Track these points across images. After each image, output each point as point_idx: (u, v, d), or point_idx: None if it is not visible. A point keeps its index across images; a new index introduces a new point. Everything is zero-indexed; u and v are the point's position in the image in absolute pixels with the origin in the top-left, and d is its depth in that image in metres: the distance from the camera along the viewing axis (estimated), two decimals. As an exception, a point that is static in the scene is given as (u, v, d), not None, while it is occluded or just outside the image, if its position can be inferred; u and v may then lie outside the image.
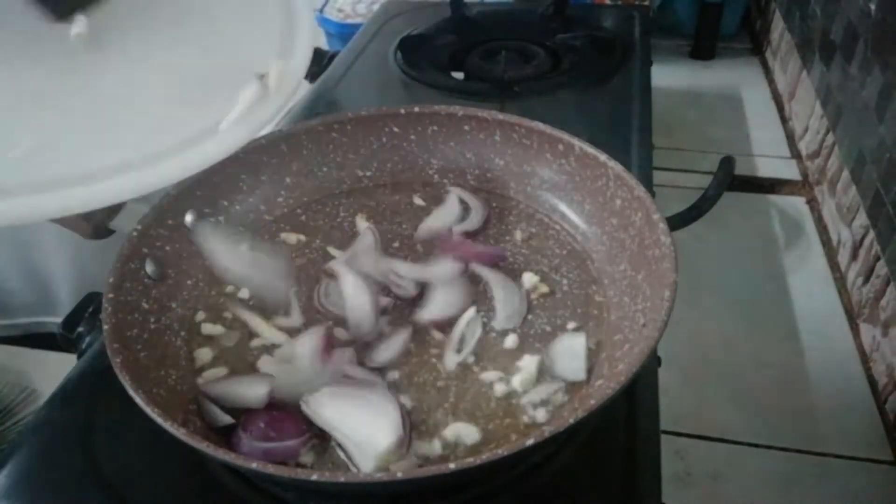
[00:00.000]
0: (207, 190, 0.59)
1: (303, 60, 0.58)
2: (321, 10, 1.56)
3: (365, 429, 0.44)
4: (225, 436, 0.46)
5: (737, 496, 0.67)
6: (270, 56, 0.56)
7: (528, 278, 0.57)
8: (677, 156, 1.11)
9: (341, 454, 0.45)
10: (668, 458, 0.51)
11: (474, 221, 0.62)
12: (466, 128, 0.64)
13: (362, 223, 0.63)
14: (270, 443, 0.44)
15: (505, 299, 0.55)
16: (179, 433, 0.39)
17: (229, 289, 0.57)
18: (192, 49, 0.57)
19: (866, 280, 0.82)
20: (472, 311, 0.53)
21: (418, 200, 0.66)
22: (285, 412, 0.46)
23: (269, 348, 0.52)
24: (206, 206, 0.59)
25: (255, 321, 0.54)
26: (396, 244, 0.61)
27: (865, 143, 0.85)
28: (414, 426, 0.46)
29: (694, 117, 1.23)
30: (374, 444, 0.43)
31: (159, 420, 0.39)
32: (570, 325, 0.53)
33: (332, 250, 0.60)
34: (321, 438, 0.45)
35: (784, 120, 1.20)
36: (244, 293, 0.57)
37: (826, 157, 0.99)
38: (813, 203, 1.02)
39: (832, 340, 0.82)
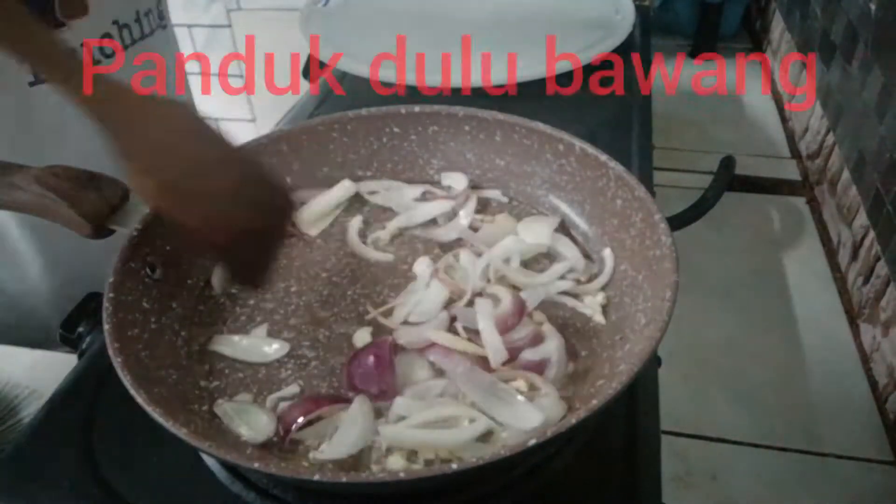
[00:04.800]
0: (208, 190, 0.59)
1: None
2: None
3: None
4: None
5: (737, 496, 0.67)
6: None
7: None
8: (677, 156, 1.11)
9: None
10: (668, 458, 0.51)
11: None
12: (467, 128, 0.64)
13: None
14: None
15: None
16: (181, 433, 0.39)
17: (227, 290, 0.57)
18: None
19: (866, 280, 0.82)
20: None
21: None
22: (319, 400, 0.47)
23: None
24: (206, 205, 0.59)
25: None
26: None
27: (865, 143, 0.85)
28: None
29: (694, 117, 1.22)
30: None
31: (161, 420, 0.39)
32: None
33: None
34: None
35: (784, 120, 1.20)
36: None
37: (826, 157, 0.99)
38: (813, 203, 1.02)
39: (832, 340, 0.82)
